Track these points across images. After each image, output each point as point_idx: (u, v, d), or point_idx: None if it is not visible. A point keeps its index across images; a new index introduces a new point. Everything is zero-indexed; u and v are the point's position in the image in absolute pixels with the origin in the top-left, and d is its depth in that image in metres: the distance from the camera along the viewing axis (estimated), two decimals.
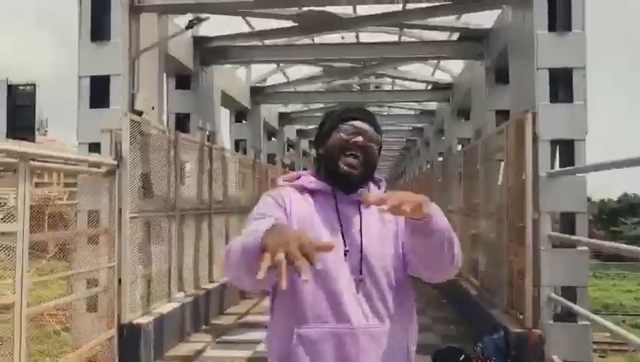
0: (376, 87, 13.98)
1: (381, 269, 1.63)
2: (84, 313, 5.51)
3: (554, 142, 5.17)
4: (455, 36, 8.83)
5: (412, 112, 15.89)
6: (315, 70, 12.14)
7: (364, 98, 13.20)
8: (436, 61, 11.72)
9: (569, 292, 5.04)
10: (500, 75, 7.57)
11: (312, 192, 1.72)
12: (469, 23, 8.25)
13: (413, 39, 10.06)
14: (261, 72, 12.68)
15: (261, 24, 8.38)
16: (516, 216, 5.51)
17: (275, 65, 12.02)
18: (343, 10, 8.05)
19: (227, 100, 10.45)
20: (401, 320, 1.64)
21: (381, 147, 1.77)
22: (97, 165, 5.43)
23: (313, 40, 10.43)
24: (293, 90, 13.07)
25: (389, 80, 13.17)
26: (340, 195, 1.71)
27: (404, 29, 9.60)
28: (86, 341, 5.16)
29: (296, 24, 7.67)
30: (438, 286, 10.48)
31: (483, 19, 13.67)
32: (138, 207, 5.83)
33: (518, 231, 5.40)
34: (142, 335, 5.62)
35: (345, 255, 1.61)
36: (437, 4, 6.98)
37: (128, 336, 5.54)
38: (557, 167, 5.19)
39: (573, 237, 4.87)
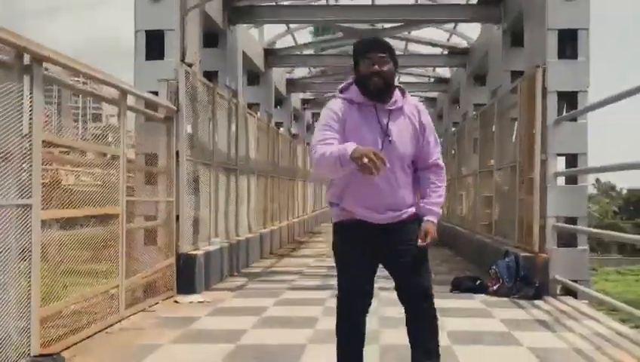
0: None
1: (402, 152, 3.20)
2: (142, 245, 7.30)
3: (560, 94, 7.04)
4: (473, 0, 10.67)
5: (425, 80, 17.73)
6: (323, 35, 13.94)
7: None
8: (452, 26, 13.58)
9: (570, 222, 6.94)
10: (516, 38, 9.43)
11: (359, 103, 3.22)
12: None
13: (430, 2, 11.91)
14: (272, 34, 14.47)
15: None
16: (527, 162, 7.40)
17: (284, 28, 13.80)
18: None
19: (245, 61, 12.22)
20: (409, 185, 3.29)
21: (396, 63, 3.23)
22: (156, 108, 7.17)
23: (327, 1, 12.23)
24: (303, 53, 14.86)
25: (403, 44, 14.98)
26: (378, 105, 3.18)
27: None
28: (145, 267, 6.94)
29: None
30: (454, 247, 12.45)
31: None
32: (188, 153, 7.62)
33: (528, 173, 7.28)
34: (196, 265, 7.44)
35: (382, 145, 3.12)
36: None
37: (185, 264, 7.35)
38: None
39: (574, 169, 6.80)
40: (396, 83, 3.28)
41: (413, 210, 3.27)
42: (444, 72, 16.84)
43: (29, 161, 4.27)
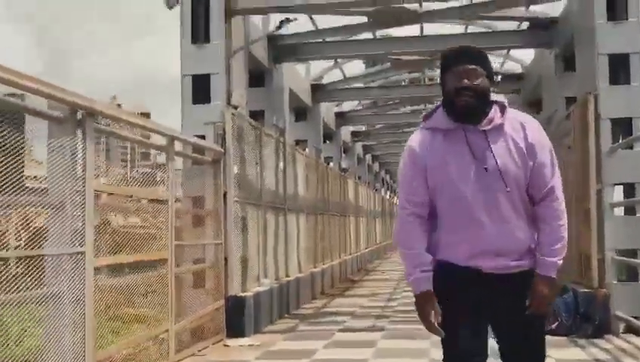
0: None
1: (508, 181, 2.68)
2: (190, 288, 7.65)
3: (614, 121, 7.13)
4: (524, 26, 10.84)
5: None
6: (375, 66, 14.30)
7: (430, 92, 15.25)
8: (505, 52, 13.74)
9: (630, 256, 6.95)
10: (569, 63, 9.54)
11: (446, 130, 2.75)
12: (536, 12, 10.27)
13: (481, 29, 12.13)
14: (319, 68, 14.91)
15: (328, 21, 10.58)
16: (581, 190, 7.46)
17: (332, 62, 14.22)
18: (409, 6, 10.16)
19: (291, 98, 12.64)
20: (522, 220, 2.74)
21: (491, 76, 2.78)
22: (203, 151, 7.59)
23: (374, 35, 12.59)
24: (351, 86, 15.24)
25: None
26: (468, 127, 2.70)
27: (471, 21, 11.68)
28: (193, 311, 7.26)
29: (367, 20, 9.83)
30: None
31: (551, 8, 15.63)
32: (236, 194, 7.99)
33: (584, 203, 7.34)
34: (245, 307, 7.74)
35: (475, 177, 2.68)
36: None
37: (234, 307, 7.66)
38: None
39: (632, 200, 6.84)
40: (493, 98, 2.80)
41: (531, 261, 2.77)
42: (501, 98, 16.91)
43: (81, 211, 4.68)
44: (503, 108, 2.75)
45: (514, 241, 2.72)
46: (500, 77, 14.12)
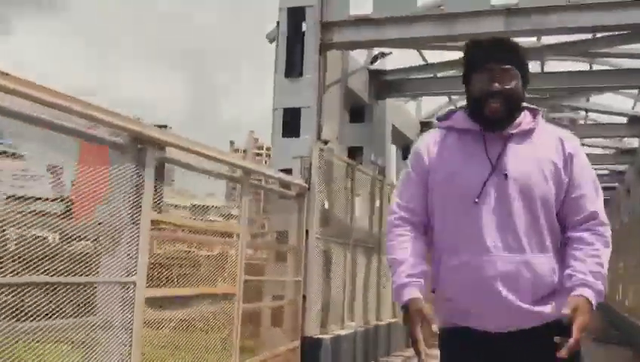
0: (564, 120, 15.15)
1: (530, 198, 2.21)
2: (267, 326, 7.54)
3: None
4: None
5: (608, 152, 16.69)
6: None
7: None
8: (637, 92, 12.80)
9: None
10: None
11: (462, 131, 2.34)
12: None
13: (606, 67, 11.37)
14: (431, 106, 14.60)
15: (434, 57, 10.32)
16: None
17: (446, 99, 13.86)
18: (526, 40, 9.68)
19: (396, 135, 12.42)
20: (545, 251, 2.22)
21: (527, 78, 2.32)
22: (289, 187, 7.53)
23: None
24: None
25: (581, 113, 14.34)
26: (489, 133, 2.29)
27: (596, 58, 10.98)
28: (267, 350, 7.11)
29: None
30: (635, 344, 11.30)
31: None
32: (319, 231, 7.84)
33: None
34: (322, 350, 7.52)
35: (502, 181, 2.22)
36: (628, 31, 8.37)
37: (310, 349, 7.46)
38: None
39: None
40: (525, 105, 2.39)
41: (558, 306, 2.18)
42: (632, 141, 15.78)
43: (136, 240, 4.70)
44: (535, 114, 2.37)
45: (532, 277, 2.20)
46: (627, 119, 13.15)
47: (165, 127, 21.61)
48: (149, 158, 4.79)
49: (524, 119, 2.33)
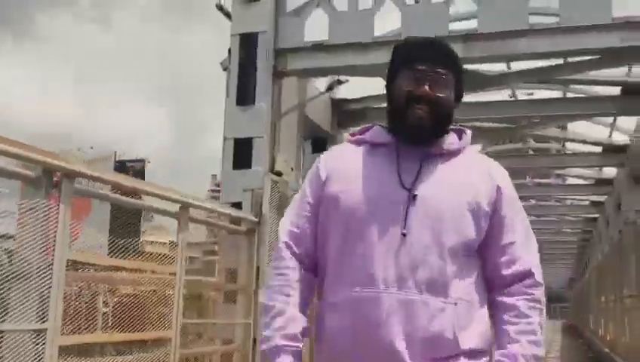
0: (535, 151, 14.98)
1: (440, 229, 1.79)
2: None
3: None
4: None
5: (588, 182, 16.54)
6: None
7: (524, 163, 14.25)
8: (612, 121, 12.66)
9: None
10: None
11: (376, 145, 1.95)
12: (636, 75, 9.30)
13: (577, 95, 11.21)
14: None
15: None
16: None
17: None
18: (494, 67, 9.50)
19: None
20: (452, 294, 1.78)
21: (460, 89, 1.96)
22: (239, 222, 7.19)
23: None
24: None
25: (554, 144, 14.18)
26: (405, 147, 1.89)
27: (569, 85, 10.82)
28: None
29: None
30: None
31: None
32: None
33: None
34: None
35: (411, 205, 1.81)
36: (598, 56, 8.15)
37: None
38: None
39: None
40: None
41: None
42: (610, 171, 15.65)
43: (48, 281, 4.33)
44: (460, 135, 1.98)
45: (427, 325, 1.76)
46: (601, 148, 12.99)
47: (143, 161, 21.17)
48: (64, 191, 4.45)
49: (449, 139, 1.96)
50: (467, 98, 12.06)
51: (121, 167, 20.45)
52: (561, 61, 8.97)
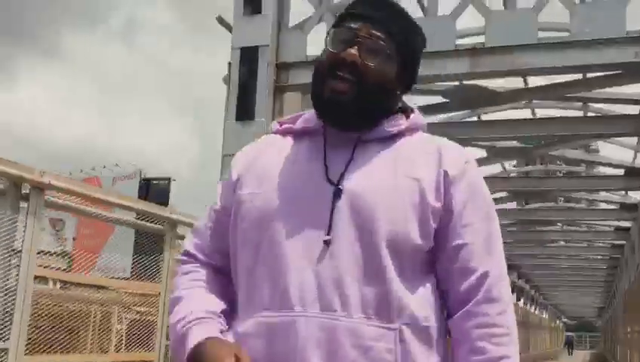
0: (554, 173, 14.61)
1: (371, 231, 1.42)
2: None
3: None
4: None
5: (613, 206, 16.08)
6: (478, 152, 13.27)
7: (541, 185, 13.89)
8: (635, 142, 12.28)
9: None
10: None
11: (300, 134, 1.62)
12: None
13: (597, 114, 10.89)
14: None
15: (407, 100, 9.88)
16: None
17: None
18: (511, 83, 9.23)
19: None
20: (393, 317, 1.40)
21: (411, 69, 1.61)
22: None
23: (480, 117, 11.67)
24: None
25: (576, 167, 13.82)
26: (334, 133, 1.55)
27: (587, 104, 10.51)
28: None
29: (449, 100, 9.01)
30: None
31: None
32: None
33: None
34: None
35: (321, 202, 1.46)
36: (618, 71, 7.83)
37: None
38: None
39: None
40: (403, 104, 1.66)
41: None
42: (636, 195, 15.20)
43: (12, 298, 4.18)
44: (407, 114, 1.61)
45: (356, 356, 1.35)
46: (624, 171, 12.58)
47: (169, 179, 21.04)
48: (31, 204, 4.32)
49: (392, 122, 1.57)
50: (486, 116, 11.82)
51: (147, 185, 20.38)
52: (576, 77, 8.69)
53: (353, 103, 1.49)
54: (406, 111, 1.63)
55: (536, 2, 7.03)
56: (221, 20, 8.10)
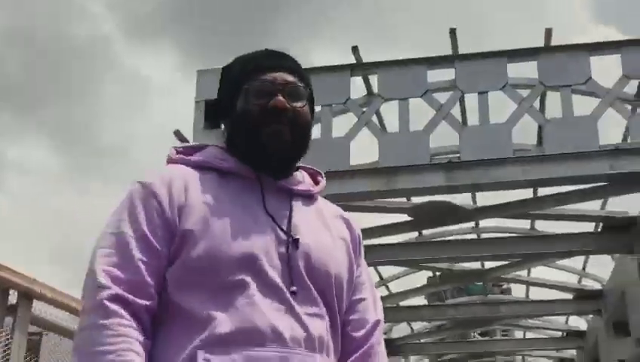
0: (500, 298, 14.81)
1: (324, 280, 1.61)
2: None
3: None
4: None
5: (555, 334, 16.28)
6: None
7: (490, 312, 13.96)
8: (580, 267, 12.69)
9: None
10: None
11: (224, 174, 1.64)
12: (613, 211, 9.42)
13: (545, 232, 11.24)
14: None
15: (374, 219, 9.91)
16: None
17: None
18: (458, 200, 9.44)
19: None
20: (332, 356, 1.61)
21: (313, 106, 1.75)
22: None
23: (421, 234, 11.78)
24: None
25: (519, 285, 14.01)
26: (267, 181, 1.64)
27: (536, 220, 10.84)
28: None
29: (410, 218, 9.14)
30: None
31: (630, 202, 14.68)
32: None
33: None
34: None
35: (281, 258, 1.56)
36: (573, 188, 8.21)
37: None
38: None
39: None
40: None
41: None
42: (579, 322, 15.51)
43: None
44: (314, 177, 1.80)
45: None
46: (572, 294, 12.94)
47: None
48: (20, 316, 3.94)
49: (305, 178, 1.75)
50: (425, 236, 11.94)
51: None
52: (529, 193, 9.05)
53: (289, 147, 1.64)
54: (306, 168, 1.83)
55: (510, 117, 7.38)
56: (178, 133, 8.06)
